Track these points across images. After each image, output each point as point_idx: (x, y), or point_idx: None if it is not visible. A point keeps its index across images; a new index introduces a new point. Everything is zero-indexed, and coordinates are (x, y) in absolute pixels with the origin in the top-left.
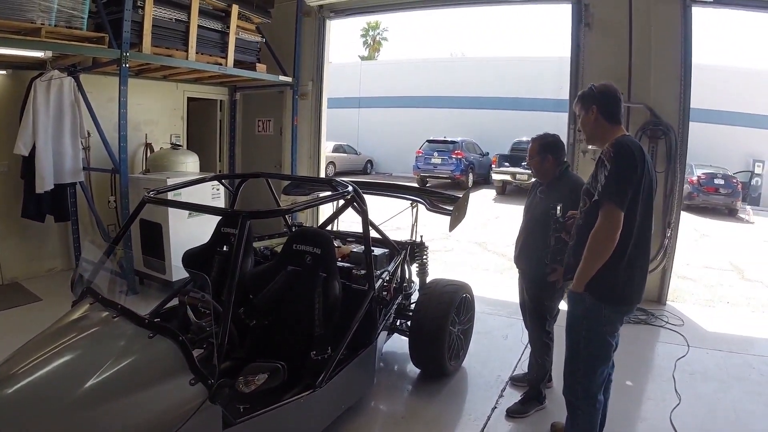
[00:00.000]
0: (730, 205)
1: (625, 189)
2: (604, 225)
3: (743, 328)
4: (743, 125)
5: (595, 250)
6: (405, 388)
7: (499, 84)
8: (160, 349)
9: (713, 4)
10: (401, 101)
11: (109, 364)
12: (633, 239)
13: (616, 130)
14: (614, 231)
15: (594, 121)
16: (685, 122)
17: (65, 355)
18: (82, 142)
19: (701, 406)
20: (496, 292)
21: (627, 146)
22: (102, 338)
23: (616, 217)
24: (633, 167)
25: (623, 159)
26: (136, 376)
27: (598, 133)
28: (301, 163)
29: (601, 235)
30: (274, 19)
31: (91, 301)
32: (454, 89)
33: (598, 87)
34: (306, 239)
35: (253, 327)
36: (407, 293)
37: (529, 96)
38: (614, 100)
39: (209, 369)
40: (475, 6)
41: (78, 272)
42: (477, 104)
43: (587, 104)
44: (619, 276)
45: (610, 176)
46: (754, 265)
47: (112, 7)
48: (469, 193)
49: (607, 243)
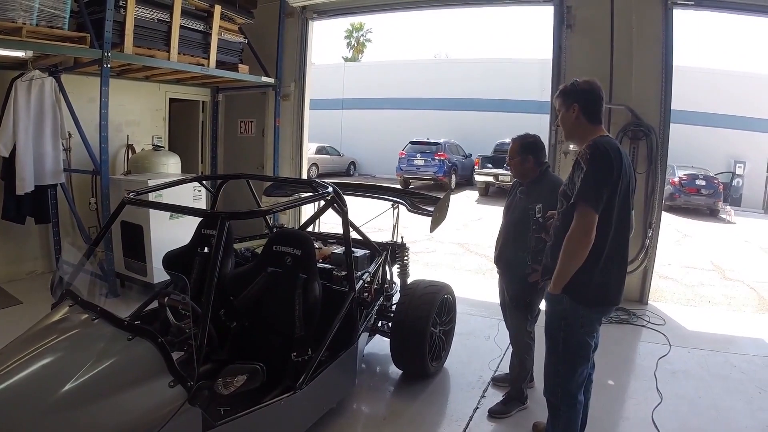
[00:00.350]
0: (711, 206)
1: (601, 191)
2: (579, 227)
3: (724, 327)
4: (724, 127)
5: (571, 252)
6: (387, 390)
7: (483, 86)
8: (139, 351)
9: (694, 6)
10: (384, 103)
11: (88, 367)
12: (610, 241)
13: (596, 130)
14: (589, 233)
15: (575, 119)
16: (666, 123)
17: (44, 358)
18: (63, 143)
19: (683, 405)
20: (478, 293)
21: (603, 148)
22: (81, 341)
23: (590, 219)
24: (609, 169)
25: (599, 161)
26: (115, 379)
27: (578, 132)
28: (283, 164)
29: (575, 237)
30: (256, 20)
31: (70, 304)
32: (438, 91)
33: (582, 84)
34: (286, 240)
35: (233, 329)
36: (388, 294)
37: (512, 98)
38: (597, 100)
39: (189, 371)
40: (458, 7)
41: (58, 275)
42: (460, 106)
43: (569, 101)
44: (596, 277)
45: (585, 178)
46: (735, 264)
47: (93, 7)
48: (450, 195)
49: (581, 245)
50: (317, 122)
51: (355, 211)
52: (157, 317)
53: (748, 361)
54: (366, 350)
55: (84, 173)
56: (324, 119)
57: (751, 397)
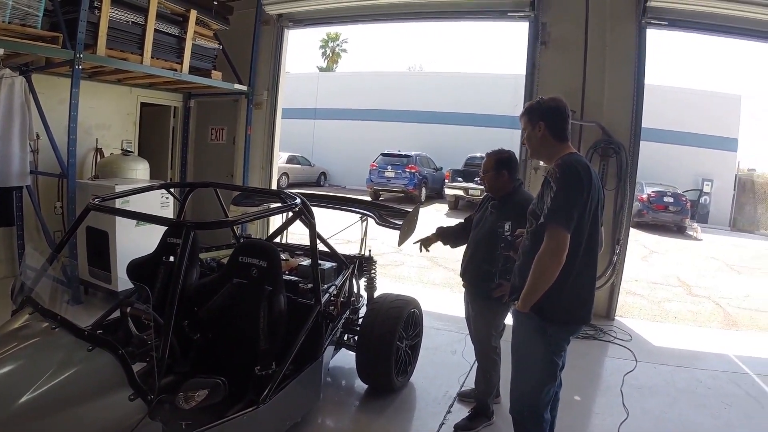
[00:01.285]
0: (679, 223)
1: (572, 211)
2: (550, 248)
3: (690, 342)
4: (692, 145)
5: (541, 272)
6: (352, 404)
7: (456, 99)
8: (99, 362)
9: (668, 27)
10: (357, 114)
11: (46, 378)
12: (579, 259)
13: (564, 147)
14: (560, 254)
15: (541, 138)
16: (637, 141)
17: (1, 367)
18: (31, 144)
19: (649, 420)
20: (446, 307)
21: (574, 167)
22: (40, 350)
23: (562, 240)
24: (580, 189)
25: (569, 181)
26: (75, 390)
27: (545, 150)
28: (253, 173)
29: (546, 258)
30: (232, 27)
31: (30, 311)
32: (411, 103)
33: (547, 101)
34: (252, 252)
35: (197, 340)
36: (355, 308)
37: (484, 112)
38: (563, 117)
39: (150, 384)
40: (434, 21)
41: (19, 280)
42: (432, 119)
43: (534, 119)
44: (565, 296)
45: (556, 198)
46: (701, 281)
47: (68, 7)
48: (419, 208)
49: (552, 266)
50: (289, 131)
51: (323, 222)
52: (120, 327)
53: (714, 377)
54: (332, 364)
55: (51, 176)
56: (296, 128)
57: (718, 412)
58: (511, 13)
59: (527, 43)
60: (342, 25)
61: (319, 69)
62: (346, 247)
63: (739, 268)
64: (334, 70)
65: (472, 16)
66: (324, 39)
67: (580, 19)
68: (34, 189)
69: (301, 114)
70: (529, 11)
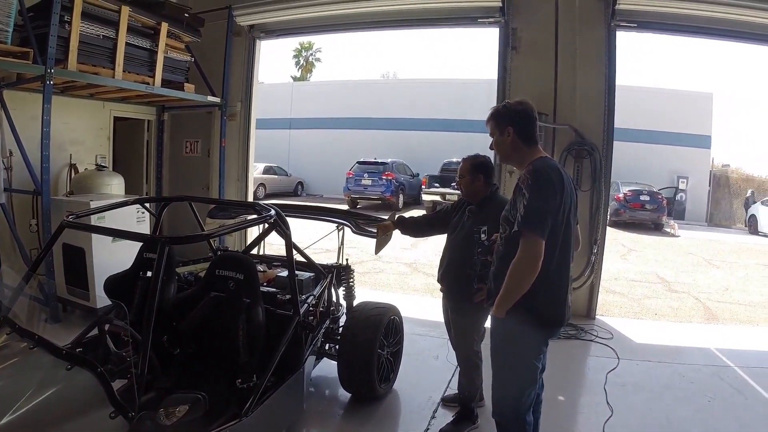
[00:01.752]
0: (656, 220)
1: (545, 218)
2: (526, 255)
3: (671, 338)
4: (667, 143)
5: (517, 279)
6: (336, 413)
7: (430, 105)
8: (78, 381)
9: (637, 28)
10: (333, 122)
11: (26, 398)
12: (554, 263)
13: (534, 151)
14: (536, 261)
15: (510, 143)
16: (610, 142)
17: None
18: (4, 161)
19: (633, 417)
20: (427, 313)
21: (545, 172)
22: (19, 370)
23: (537, 247)
24: (552, 195)
25: (541, 187)
26: (55, 410)
27: (515, 155)
28: (229, 185)
29: (522, 265)
30: (203, 39)
31: (7, 332)
32: (386, 111)
33: (514, 105)
34: (228, 264)
35: (177, 355)
36: (335, 317)
37: (459, 117)
38: (530, 121)
39: (130, 401)
40: (405, 29)
41: None
42: (408, 125)
43: (502, 125)
44: (540, 299)
45: (529, 206)
46: (680, 277)
47: (38, 21)
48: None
49: (528, 272)
50: (264, 142)
51: (300, 233)
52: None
53: (696, 371)
54: (314, 373)
55: (25, 193)
56: (272, 139)
57: (701, 406)
58: (481, 20)
59: (498, 48)
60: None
61: (294, 78)
62: (324, 256)
63: (717, 263)
64: (308, 79)
65: (443, 23)
66: (297, 48)
67: (550, 24)
68: (9, 207)
69: (276, 124)
70: (499, 17)
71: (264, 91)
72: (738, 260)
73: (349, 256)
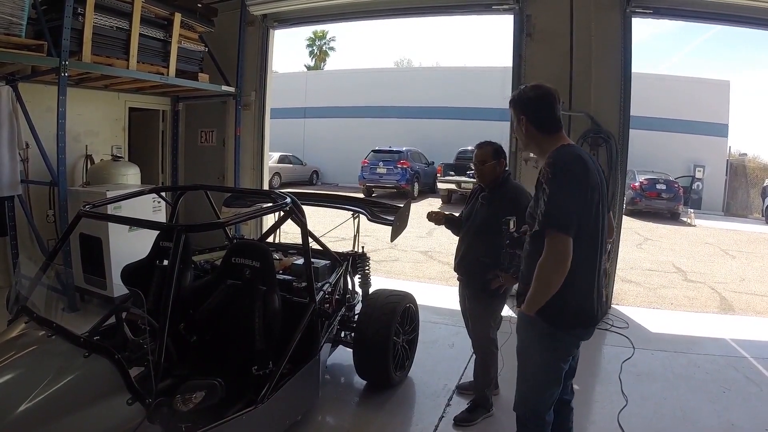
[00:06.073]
0: (672, 209)
1: (570, 213)
2: (553, 255)
3: (687, 328)
4: (683, 132)
5: (545, 280)
6: (351, 401)
7: (445, 93)
8: (96, 368)
9: (653, 15)
10: (347, 111)
11: (44, 385)
12: (584, 259)
13: (553, 139)
14: (563, 261)
15: (525, 132)
16: (626, 130)
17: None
18: (20, 153)
19: (648, 407)
20: (442, 301)
21: (565, 163)
22: (37, 358)
23: (563, 246)
24: (576, 187)
25: (562, 180)
26: (73, 397)
27: (533, 144)
28: (244, 174)
29: (549, 266)
30: (217, 29)
31: (26, 320)
32: (400, 99)
33: (527, 92)
34: (244, 252)
35: (194, 343)
36: (350, 305)
37: (473, 105)
38: (544, 106)
39: (147, 387)
40: (419, 16)
41: (14, 290)
42: (422, 114)
43: (516, 113)
44: (571, 299)
45: (550, 201)
46: (697, 266)
47: (52, 14)
48: (410, 204)
49: (557, 273)
50: (279, 131)
51: (316, 221)
52: (116, 332)
53: (712, 362)
54: (329, 361)
55: (41, 185)
56: (286, 128)
57: (716, 396)
58: (495, 6)
59: (513, 35)
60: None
61: (307, 68)
62: (340, 244)
63: (734, 253)
64: (323, 68)
65: (457, 10)
66: (311, 37)
67: (565, 10)
68: (26, 198)
69: (290, 113)
70: (513, 4)
71: (278, 80)
72: (755, 250)
73: (364, 244)
